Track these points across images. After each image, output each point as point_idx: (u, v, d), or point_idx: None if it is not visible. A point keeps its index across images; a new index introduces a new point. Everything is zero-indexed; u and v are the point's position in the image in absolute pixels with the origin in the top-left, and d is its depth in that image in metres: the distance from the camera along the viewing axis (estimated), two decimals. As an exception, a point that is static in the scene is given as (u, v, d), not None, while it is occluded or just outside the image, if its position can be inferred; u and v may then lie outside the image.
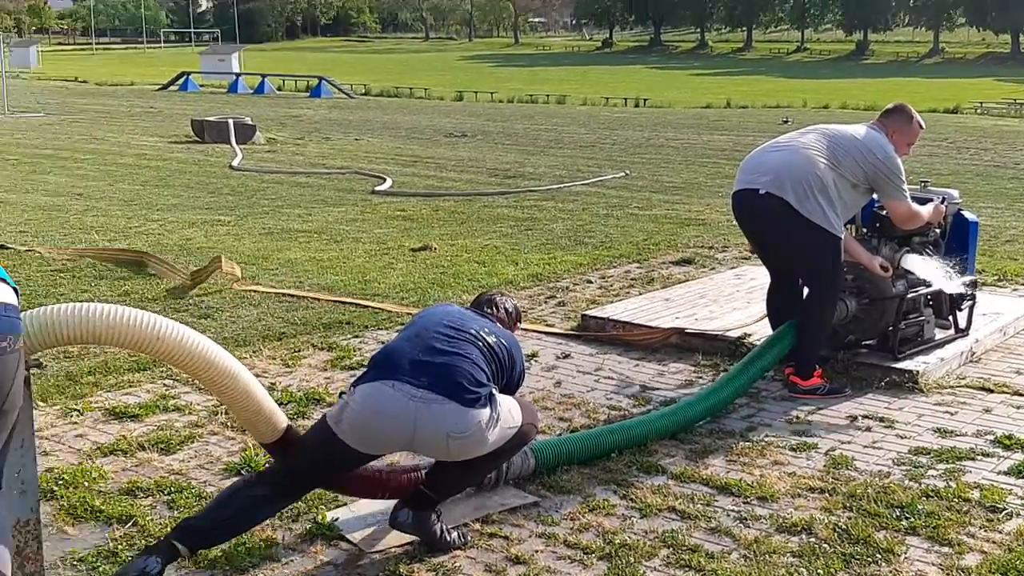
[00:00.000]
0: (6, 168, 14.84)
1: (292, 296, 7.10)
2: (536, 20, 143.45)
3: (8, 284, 2.73)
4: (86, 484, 3.98)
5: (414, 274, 8.01)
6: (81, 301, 6.55)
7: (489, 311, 3.82)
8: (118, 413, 4.78)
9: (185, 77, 40.74)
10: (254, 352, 5.81)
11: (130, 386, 5.19)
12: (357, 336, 6.27)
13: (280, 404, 3.72)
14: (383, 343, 5.93)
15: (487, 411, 3.35)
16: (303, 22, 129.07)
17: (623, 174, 15.25)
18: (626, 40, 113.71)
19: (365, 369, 3.53)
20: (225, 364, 3.27)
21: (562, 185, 13.92)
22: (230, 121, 19.61)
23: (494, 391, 3.43)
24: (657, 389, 5.38)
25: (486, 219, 10.92)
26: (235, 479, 3.98)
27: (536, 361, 5.79)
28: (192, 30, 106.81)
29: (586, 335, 6.34)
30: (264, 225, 10.24)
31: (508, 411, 3.47)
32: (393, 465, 3.99)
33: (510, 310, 3.92)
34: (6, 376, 2.66)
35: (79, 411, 4.80)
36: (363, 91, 40.22)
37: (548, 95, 38.92)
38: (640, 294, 7.34)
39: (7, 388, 2.67)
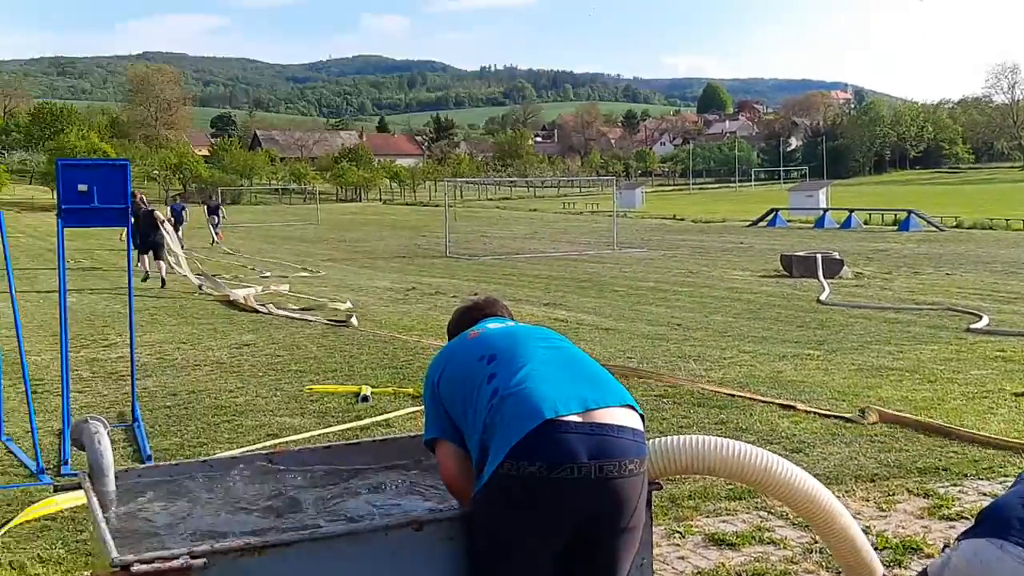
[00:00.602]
0: (615, 299, 16.41)
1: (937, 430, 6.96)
2: None
3: (636, 411, 3.07)
4: (689, 605, 4.24)
5: (1018, 422, 7.41)
6: (682, 427, 7.15)
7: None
8: (717, 539, 5.02)
9: (774, 213, 42.05)
10: (846, 492, 5.77)
11: (727, 513, 5.43)
12: (956, 484, 5.95)
13: (875, 550, 3.67)
14: (985, 494, 5.60)
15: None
16: (891, 156, 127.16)
17: None
18: None
19: (972, 523, 3.37)
20: (826, 502, 3.36)
21: None
22: (818, 256, 19.85)
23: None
24: None
25: (1105, 365, 9.80)
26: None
27: None
28: (781, 168, 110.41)
29: None
30: (853, 361, 10.15)
31: None
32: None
33: None
34: (633, 495, 2.96)
35: (681, 533, 5.13)
36: (954, 223, 38.30)
37: None
38: None
39: (633, 506, 2.98)
